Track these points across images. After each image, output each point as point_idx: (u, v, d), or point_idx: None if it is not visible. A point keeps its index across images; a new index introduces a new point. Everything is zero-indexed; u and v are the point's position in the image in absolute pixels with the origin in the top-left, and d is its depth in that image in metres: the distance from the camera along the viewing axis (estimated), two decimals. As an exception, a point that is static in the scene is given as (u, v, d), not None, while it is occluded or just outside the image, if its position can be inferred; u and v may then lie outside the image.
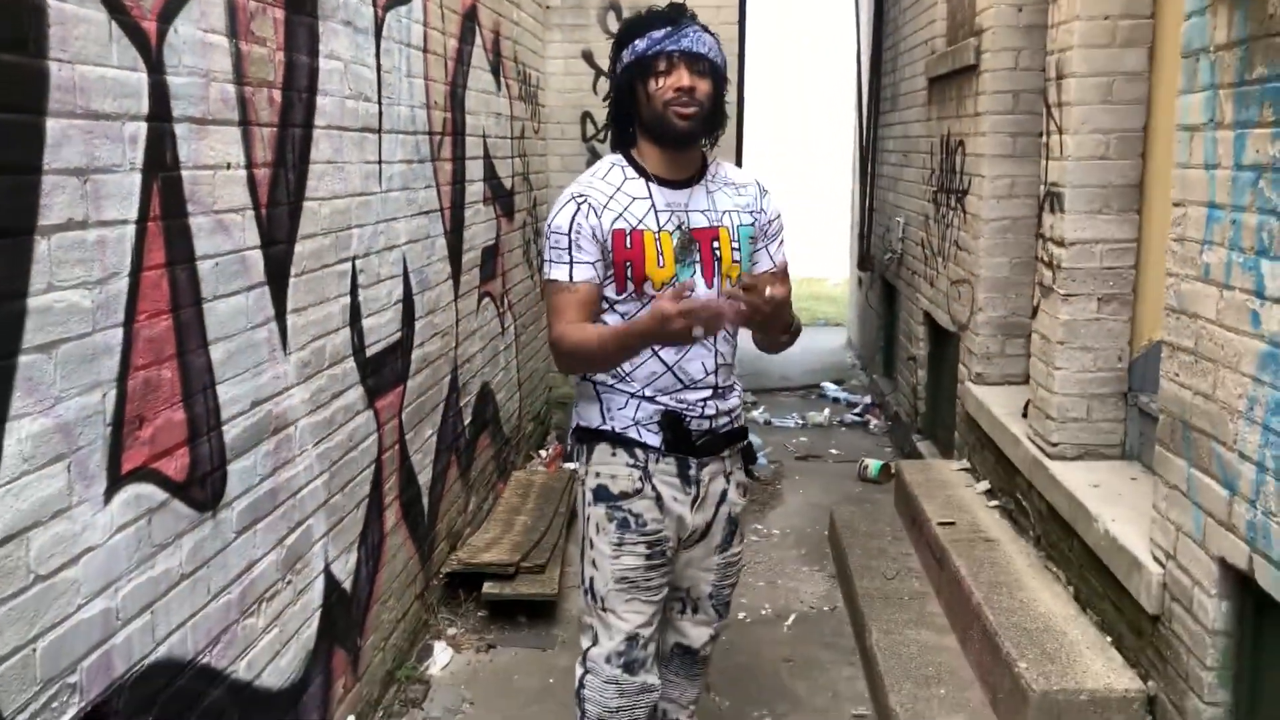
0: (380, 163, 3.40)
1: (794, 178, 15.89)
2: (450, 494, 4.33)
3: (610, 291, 2.50)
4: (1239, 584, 2.50)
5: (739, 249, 2.56)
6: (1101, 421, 3.79)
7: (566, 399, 6.75)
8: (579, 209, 2.48)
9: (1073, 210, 3.69)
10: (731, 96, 2.69)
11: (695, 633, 2.80)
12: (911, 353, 6.58)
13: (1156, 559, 2.87)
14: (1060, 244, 3.74)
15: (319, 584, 2.95)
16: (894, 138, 7.55)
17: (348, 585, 3.17)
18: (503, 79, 5.24)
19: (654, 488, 2.53)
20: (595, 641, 2.64)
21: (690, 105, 2.41)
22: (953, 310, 5.44)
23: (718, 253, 2.53)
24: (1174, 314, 2.77)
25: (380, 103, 3.39)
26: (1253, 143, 2.35)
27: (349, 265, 3.14)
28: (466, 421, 4.58)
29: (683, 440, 2.53)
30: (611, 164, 2.56)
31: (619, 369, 2.51)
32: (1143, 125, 3.64)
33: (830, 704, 3.67)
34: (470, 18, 4.59)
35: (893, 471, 6.06)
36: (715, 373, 2.57)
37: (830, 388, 8.36)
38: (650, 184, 2.50)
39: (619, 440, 2.54)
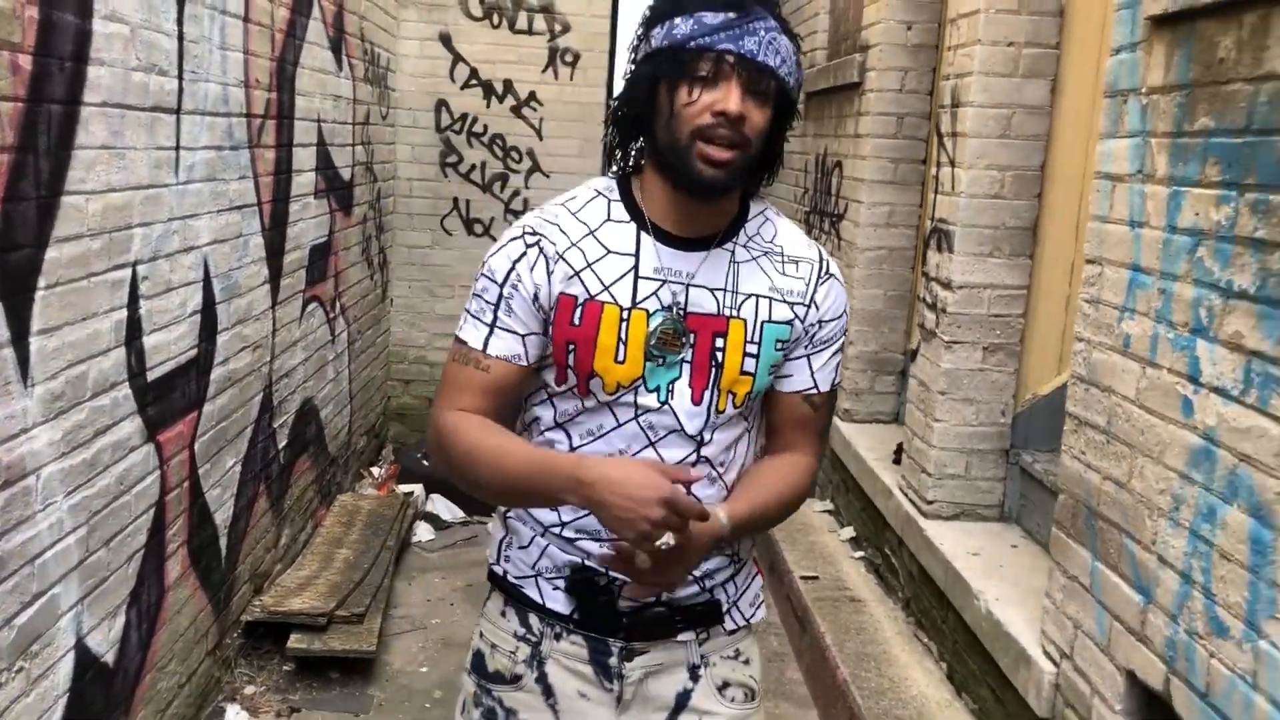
0: (178, 149, 2.85)
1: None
2: (257, 529, 3.78)
3: (550, 375, 1.65)
4: (1148, 702, 2.20)
5: (756, 356, 1.63)
6: (980, 480, 3.50)
7: (405, 411, 6.25)
8: (525, 253, 1.63)
9: (962, 251, 3.39)
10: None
11: None
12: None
13: (1049, 655, 2.57)
14: (946, 286, 3.44)
15: (66, 664, 2.40)
16: (766, 150, 7.24)
17: (109, 657, 2.61)
18: (345, 58, 4.68)
19: (542, 676, 1.68)
20: None
21: (731, 145, 1.52)
22: (822, 340, 5.14)
23: (719, 357, 1.62)
24: (1083, 384, 2.46)
25: (181, 78, 2.84)
26: (1191, 204, 2.05)
27: (128, 272, 2.59)
28: (282, 445, 4.03)
29: (599, 611, 1.66)
30: (595, 194, 1.68)
31: None
32: (1041, 164, 3.36)
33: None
34: (307, -14, 4.04)
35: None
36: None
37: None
38: (643, 235, 1.63)
39: (511, 595, 1.70)
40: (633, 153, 1.67)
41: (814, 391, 1.70)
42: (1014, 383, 3.46)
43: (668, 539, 1.43)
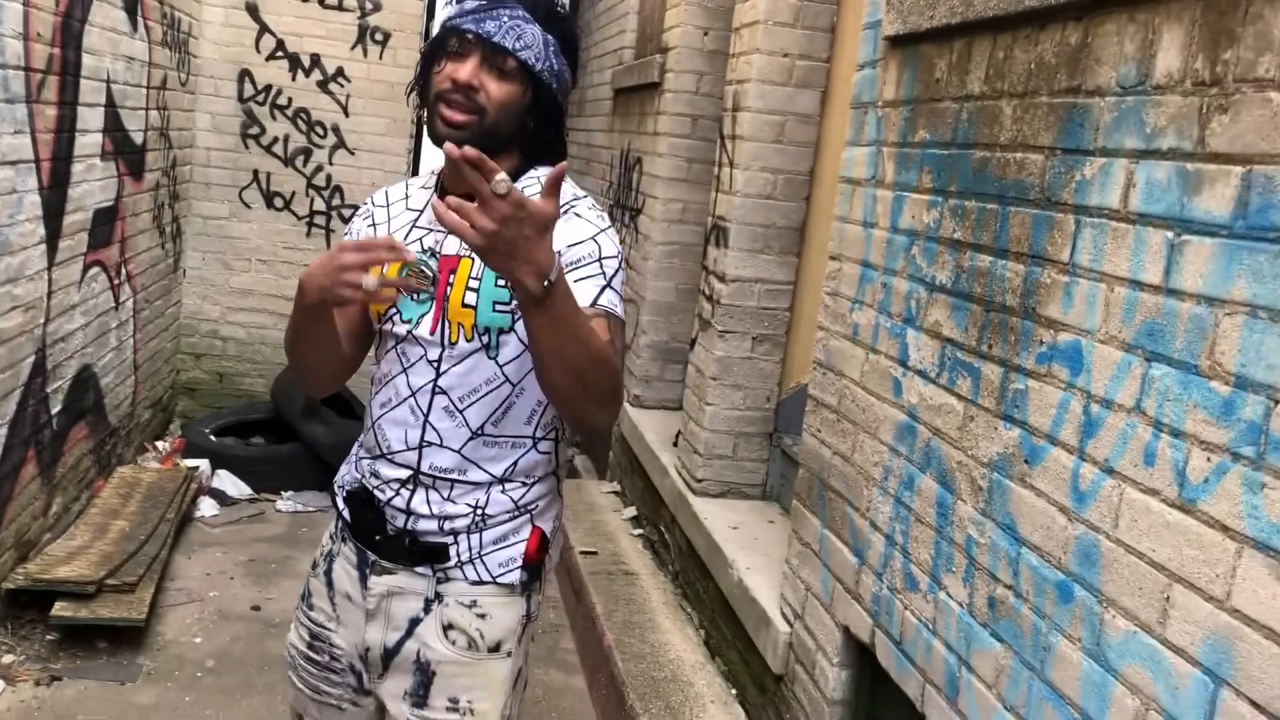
0: (-57, 98, 2.77)
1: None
2: (24, 496, 3.68)
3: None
4: (860, 654, 2.44)
5: (477, 289, 1.78)
6: (746, 460, 3.74)
7: (195, 384, 6.11)
8: (359, 214, 1.97)
9: (736, 247, 3.62)
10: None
11: None
12: (574, 365, 6.43)
13: (785, 617, 2.80)
14: (721, 279, 3.66)
15: None
16: (579, 144, 7.40)
17: None
18: (140, 19, 4.57)
19: (329, 569, 1.93)
20: None
21: (460, 109, 1.73)
22: (616, 328, 5.32)
23: (448, 291, 1.80)
24: (821, 368, 2.70)
25: (-50, 25, 2.77)
26: (910, 207, 2.29)
27: (-117, 220, 2.52)
28: (55, 410, 3.93)
29: (364, 527, 1.88)
30: (433, 170, 1.94)
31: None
32: (809, 169, 3.62)
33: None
34: (101, -57, 3.95)
35: (544, 486, 5.89)
36: (419, 450, 1.82)
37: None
38: (432, 192, 1.87)
39: (333, 502, 1.98)
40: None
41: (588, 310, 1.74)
42: (779, 371, 3.71)
43: (368, 281, 1.59)
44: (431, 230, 1.81)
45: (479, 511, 1.82)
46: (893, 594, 2.22)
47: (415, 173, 6.37)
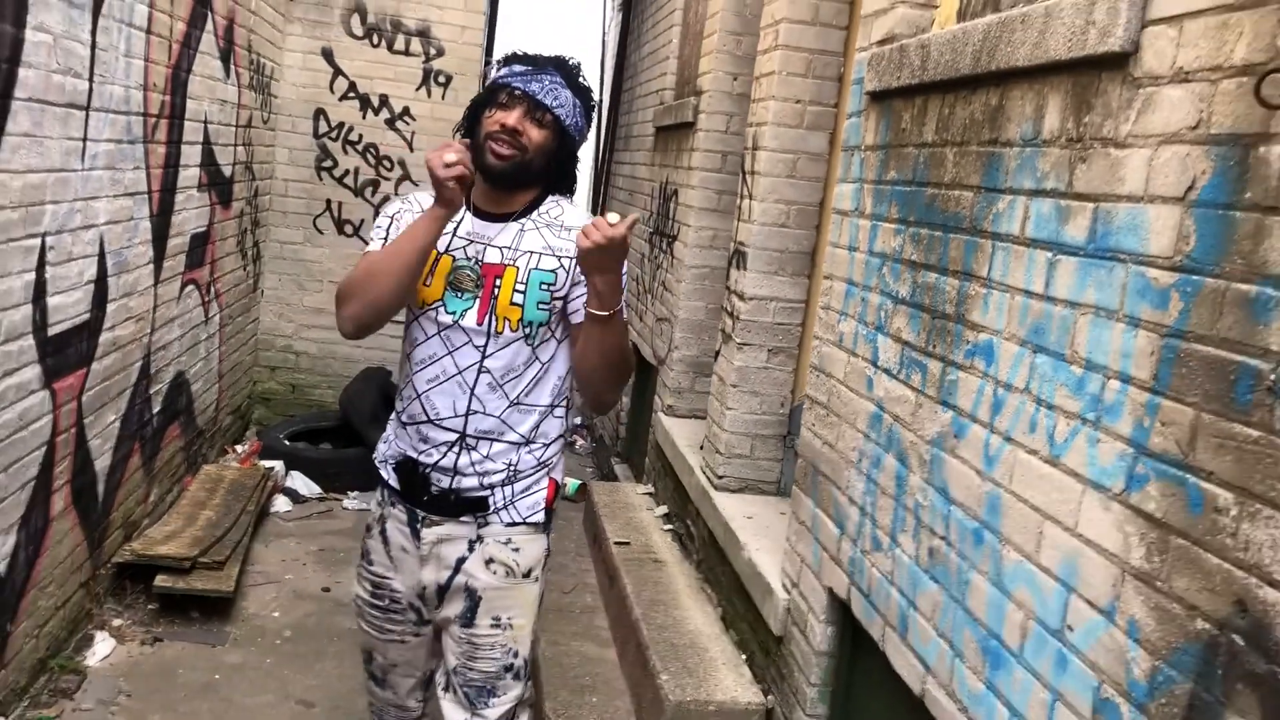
0: (85, 140, 3.33)
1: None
2: (130, 483, 4.23)
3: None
4: (842, 611, 2.88)
5: (524, 292, 2.29)
6: (762, 459, 4.19)
7: (270, 395, 6.67)
8: (404, 204, 2.44)
9: (754, 269, 4.08)
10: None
11: (450, 713, 2.44)
12: (616, 381, 6.91)
13: (785, 586, 3.24)
14: (742, 297, 4.13)
15: (-31, 566, 2.86)
16: (624, 176, 7.92)
17: (2, 569, 3.07)
18: (233, 66, 5.17)
19: (383, 531, 2.45)
20: None
21: (509, 147, 2.26)
22: (654, 345, 5.80)
23: (496, 292, 2.29)
24: (815, 372, 3.15)
25: (92, 80, 3.33)
26: (882, 234, 2.75)
27: (38, 241, 3.07)
28: (155, 410, 4.48)
29: (411, 490, 2.38)
30: None
31: (404, 385, 2.40)
32: (819, 201, 4.08)
33: None
34: (203, 3, 4.53)
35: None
36: (465, 417, 2.30)
37: (541, 407, 8.60)
38: (466, 212, 2.35)
39: (378, 476, 2.48)
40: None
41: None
42: (792, 380, 4.16)
43: (449, 157, 2.16)
44: (472, 241, 2.32)
45: (511, 467, 2.35)
46: (863, 555, 2.66)
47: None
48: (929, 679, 2.25)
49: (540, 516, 2.41)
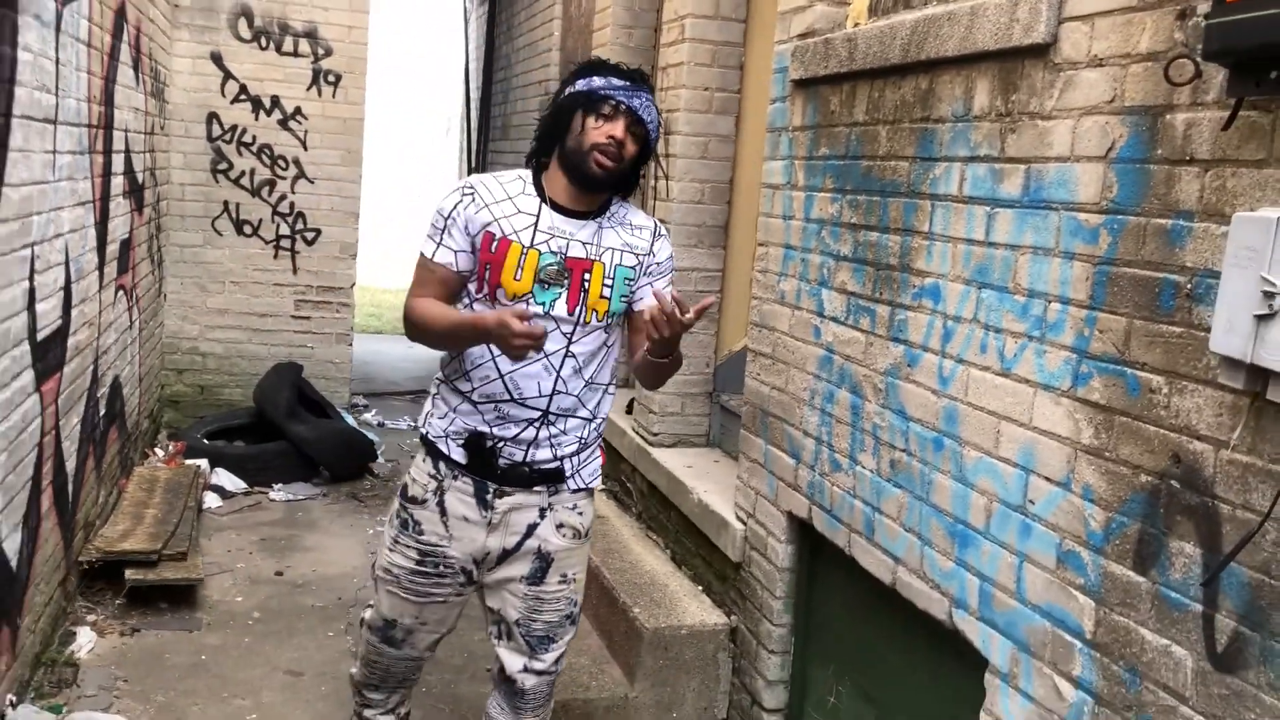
0: (55, 153, 3.47)
1: (403, 192, 16.20)
2: (88, 485, 4.35)
3: (473, 285, 2.52)
4: (800, 531, 3.32)
5: (611, 286, 2.51)
6: (692, 416, 4.61)
7: (179, 398, 6.73)
8: (464, 198, 2.50)
9: (676, 243, 4.47)
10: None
11: (510, 660, 2.70)
12: (519, 361, 7.22)
13: (740, 518, 3.67)
14: (664, 269, 4.52)
15: (-7, 560, 3.02)
16: (505, 165, 8.20)
17: (14, 563, 3.22)
18: (141, 75, 5.26)
19: (441, 501, 2.58)
20: (371, 605, 2.82)
21: (614, 159, 2.43)
22: (562, 323, 6.14)
23: (586, 284, 2.49)
24: (756, 328, 3.58)
25: (58, 95, 3.47)
26: (818, 203, 3.19)
27: (29, 251, 3.22)
28: (101, 413, 4.59)
29: (482, 463, 2.54)
30: (518, 176, 2.56)
31: (462, 366, 2.54)
32: (729, 179, 4.51)
33: (466, 662, 4.16)
34: (121, 14, 4.63)
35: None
36: (550, 397, 2.51)
37: (436, 393, 8.83)
38: (544, 205, 2.49)
39: (430, 448, 2.61)
40: (542, 156, 2.56)
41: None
42: (715, 342, 4.58)
43: (534, 354, 2.38)
44: (554, 236, 2.48)
45: (581, 441, 2.62)
46: (822, 478, 3.10)
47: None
48: (899, 569, 2.70)
49: (599, 482, 2.74)
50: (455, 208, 2.51)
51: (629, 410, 5.06)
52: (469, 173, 9.61)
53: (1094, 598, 2.05)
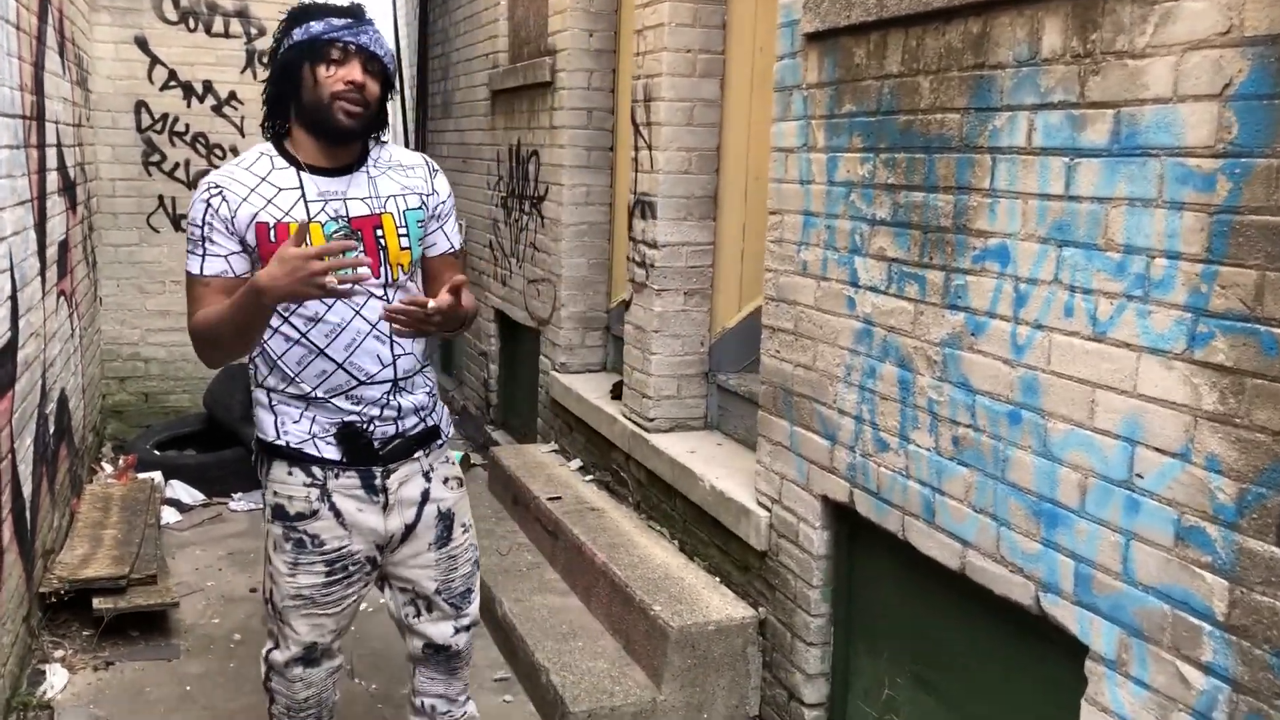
0: (-7, 147, 3.13)
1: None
2: (44, 508, 4.00)
3: None
4: (836, 515, 3.13)
5: (406, 234, 2.44)
6: (689, 398, 4.39)
7: (122, 407, 6.34)
8: (213, 199, 2.33)
9: (664, 217, 4.25)
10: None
11: (437, 630, 2.70)
12: (482, 349, 6.95)
13: (763, 504, 3.46)
14: (653, 246, 4.29)
15: (-39, 605, 2.70)
16: (449, 144, 7.87)
17: (-20, 606, 2.90)
18: (66, 62, 4.85)
19: (332, 505, 2.47)
20: (276, 645, 2.64)
21: (358, 104, 2.32)
22: (531, 307, 5.88)
23: (382, 240, 2.40)
24: (774, 302, 3.36)
25: (-8, 82, 3.12)
26: (844, 164, 2.98)
27: (-24, 257, 2.88)
28: (51, 430, 4.24)
29: (362, 451, 2.45)
30: (260, 153, 2.42)
31: (286, 370, 2.40)
32: (717, 145, 4.28)
33: (471, 673, 3.91)
34: (45, -6, 4.25)
35: (472, 462, 6.40)
36: (393, 364, 2.45)
37: (389, 386, 8.48)
38: (301, 173, 2.36)
39: (295, 458, 2.45)
40: (278, 121, 2.43)
41: (453, 250, 2.61)
42: (708, 319, 4.37)
43: (332, 281, 2.07)
44: (327, 200, 2.36)
45: (429, 392, 2.58)
46: (866, 459, 2.91)
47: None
48: (969, 552, 2.52)
49: (452, 428, 2.77)
50: (207, 213, 2.35)
51: (616, 395, 4.83)
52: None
53: (1226, 576, 1.88)
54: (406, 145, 9.32)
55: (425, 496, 2.56)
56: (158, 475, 5.55)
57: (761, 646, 3.46)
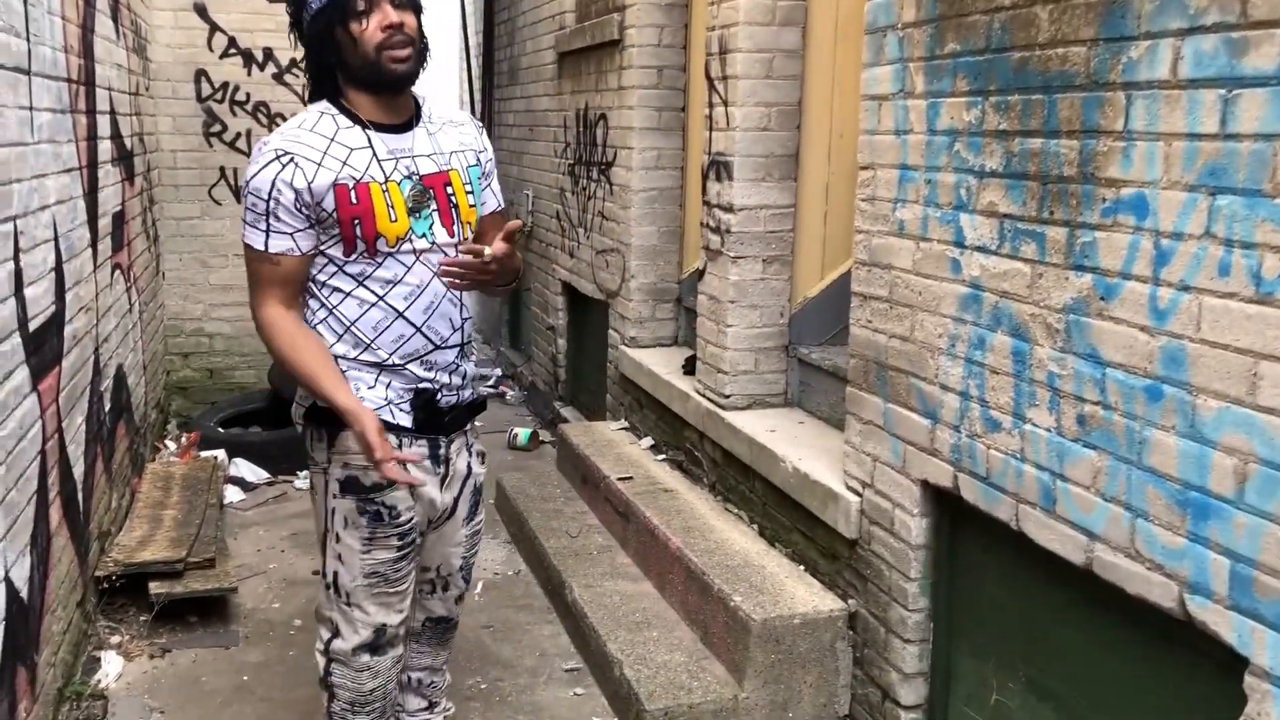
0: (31, 109, 2.95)
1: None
2: (99, 489, 3.86)
3: (337, 251, 2.27)
4: (937, 501, 2.84)
5: (472, 192, 2.41)
6: (768, 373, 4.11)
7: (187, 383, 6.24)
8: (284, 169, 2.20)
9: (740, 178, 3.96)
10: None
11: (443, 603, 2.74)
12: (549, 323, 6.73)
13: (852, 489, 3.18)
14: (728, 210, 4.01)
15: (0, 595, 2.53)
16: (515, 111, 7.64)
17: (25, 594, 2.74)
18: (121, 27, 4.70)
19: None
20: (338, 634, 2.49)
21: (404, 44, 2.21)
22: (599, 279, 5.63)
23: (453, 199, 2.35)
24: (865, 266, 3.07)
25: (29, 39, 2.94)
26: (947, 110, 2.67)
27: (11, 226, 2.70)
28: (107, 408, 4.10)
29: (435, 419, 2.41)
30: (320, 113, 2.28)
31: (362, 335, 2.30)
32: (798, 99, 3.98)
33: (540, 663, 3.70)
34: (94, -47, 4.08)
35: (541, 439, 6.20)
36: (462, 328, 2.43)
37: (457, 362, 8.32)
38: (368, 131, 2.27)
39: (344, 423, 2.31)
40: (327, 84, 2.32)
41: (500, 208, 2.60)
42: (789, 288, 4.08)
43: (403, 490, 2.35)
44: (397, 158, 2.28)
45: (476, 361, 2.59)
46: (973, 439, 2.61)
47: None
48: (1097, 546, 2.22)
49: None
50: (275, 183, 2.22)
51: (689, 370, 4.57)
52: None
53: None
54: (473, 114, 9.11)
55: (468, 470, 2.56)
56: (221, 453, 5.43)
57: (852, 642, 3.19)
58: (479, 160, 2.47)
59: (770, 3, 3.88)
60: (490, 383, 7.80)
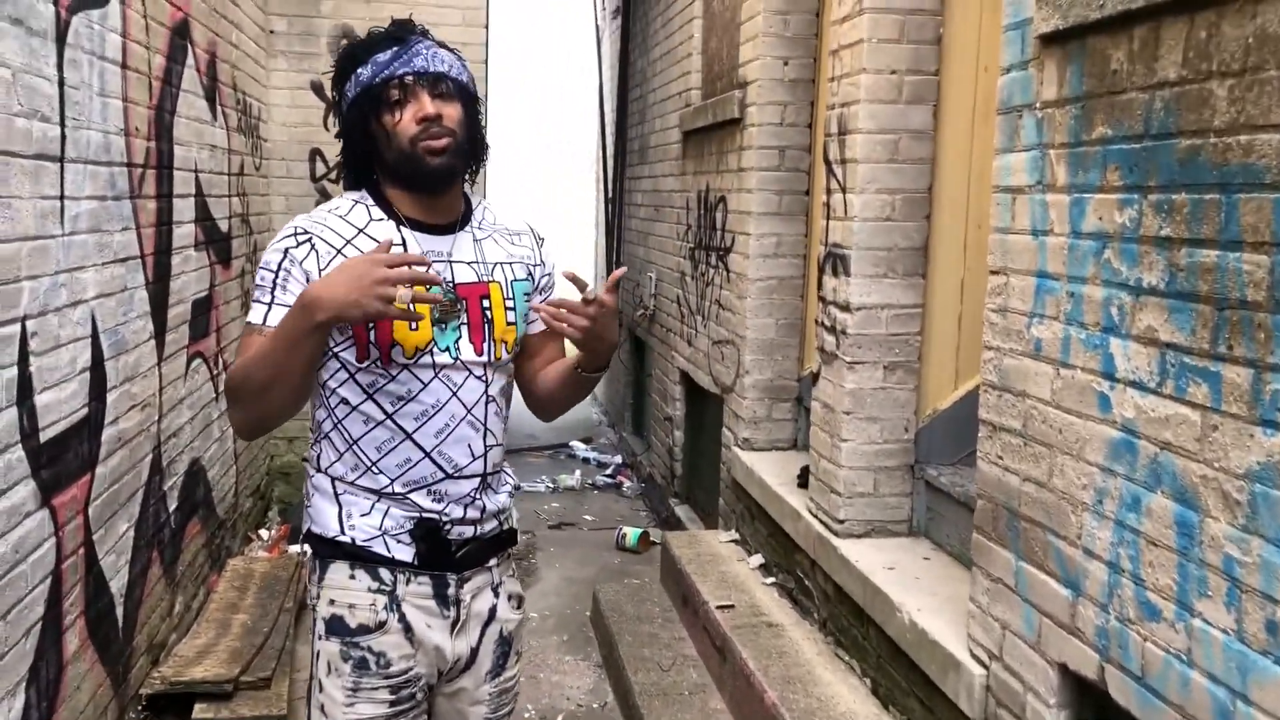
0: (63, 199, 2.72)
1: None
2: (152, 597, 3.60)
3: (350, 356, 1.95)
4: (1080, 692, 2.26)
5: (514, 308, 2.08)
6: (889, 496, 3.57)
7: (290, 468, 6.04)
8: (297, 246, 1.93)
9: (859, 274, 3.48)
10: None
11: None
12: (668, 413, 6.31)
13: (977, 658, 2.63)
14: (845, 308, 3.53)
15: (-32, 749, 2.23)
16: (644, 191, 7.33)
17: (10, 741, 2.44)
18: (219, 107, 4.56)
19: (402, 617, 2.01)
20: None
21: (441, 136, 1.94)
22: (715, 371, 5.19)
23: (488, 313, 2.03)
24: (995, 391, 2.54)
25: (64, 124, 2.72)
26: (1095, 209, 2.15)
27: (17, 328, 2.45)
28: (172, 508, 3.85)
29: (440, 553, 2.03)
30: (355, 202, 2.02)
31: (363, 456, 1.96)
32: (928, 186, 3.48)
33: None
34: (181, 33, 3.92)
35: (652, 540, 5.76)
36: (485, 456, 2.05)
37: (579, 447, 8.00)
38: (403, 229, 1.98)
39: (361, 558, 2.00)
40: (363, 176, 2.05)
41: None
42: (915, 399, 3.55)
43: (403, 294, 1.71)
44: (432, 262, 1.95)
45: (510, 492, 2.16)
46: (1124, 625, 2.05)
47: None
48: (1295, 802, 1.63)
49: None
50: (285, 259, 1.92)
51: (802, 483, 4.06)
52: (606, 204, 8.78)
53: None
54: (605, 194, 8.87)
55: (491, 615, 2.13)
56: (307, 548, 5.15)
57: (972, 847, 2.61)
58: (530, 274, 2.14)
59: (897, 79, 3.41)
60: (609, 471, 7.42)
